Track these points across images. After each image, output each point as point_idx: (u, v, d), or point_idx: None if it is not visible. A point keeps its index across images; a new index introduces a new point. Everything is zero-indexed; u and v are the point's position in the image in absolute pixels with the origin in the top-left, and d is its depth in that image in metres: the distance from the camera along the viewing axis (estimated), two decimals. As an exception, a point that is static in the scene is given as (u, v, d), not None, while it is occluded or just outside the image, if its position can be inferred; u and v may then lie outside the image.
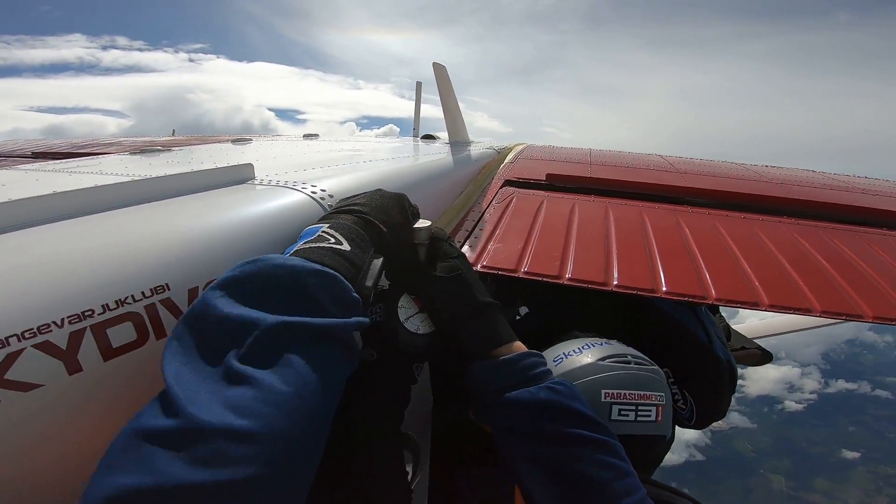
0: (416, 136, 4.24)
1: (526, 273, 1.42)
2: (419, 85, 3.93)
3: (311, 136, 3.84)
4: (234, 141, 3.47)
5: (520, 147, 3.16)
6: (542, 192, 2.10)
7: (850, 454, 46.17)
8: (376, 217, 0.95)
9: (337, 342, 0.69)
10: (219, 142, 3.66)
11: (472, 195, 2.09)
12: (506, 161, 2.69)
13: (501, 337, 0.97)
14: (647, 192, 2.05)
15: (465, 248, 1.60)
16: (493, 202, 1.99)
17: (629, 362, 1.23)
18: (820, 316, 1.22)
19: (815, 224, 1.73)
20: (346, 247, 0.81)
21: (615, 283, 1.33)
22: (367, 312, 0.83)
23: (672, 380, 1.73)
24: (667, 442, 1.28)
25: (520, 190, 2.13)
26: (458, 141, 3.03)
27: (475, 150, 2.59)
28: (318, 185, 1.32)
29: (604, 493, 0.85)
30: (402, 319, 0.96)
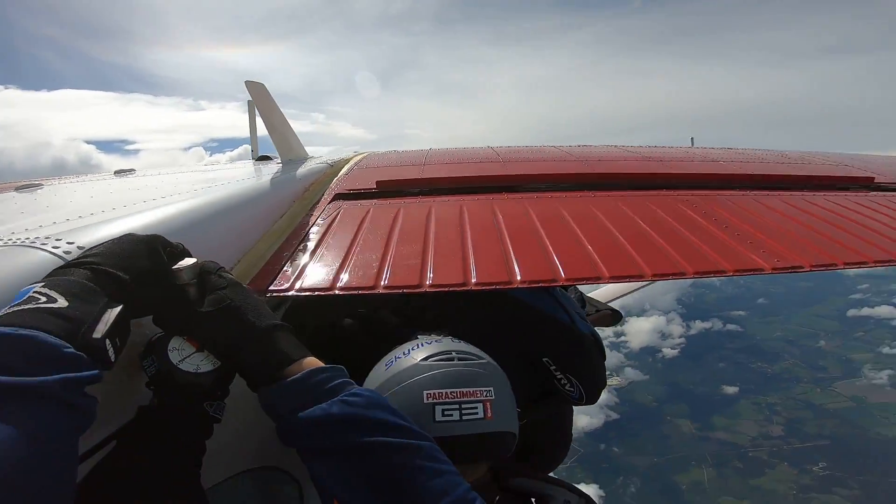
0: (254, 158, 3.96)
1: (341, 289, 1.36)
2: (250, 104, 3.65)
3: (123, 171, 3.35)
4: (19, 188, 2.88)
5: (359, 157, 3.09)
6: (370, 201, 2.05)
7: (730, 389, 53.76)
8: (113, 266, 0.89)
9: (34, 400, 0.67)
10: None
11: (297, 215, 1.97)
12: (340, 174, 2.60)
13: (287, 357, 0.96)
14: (470, 186, 2.12)
15: (285, 271, 1.50)
16: (318, 219, 1.90)
17: (452, 359, 1.21)
18: (609, 281, 1.34)
19: (607, 194, 1.93)
20: (60, 304, 0.78)
21: (429, 283, 1.33)
22: (106, 364, 0.80)
23: (553, 367, 1.79)
24: (516, 435, 1.25)
25: (348, 202, 2.07)
26: (293, 159, 2.87)
27: (303, 167, 2.46)
28: (66, 239, 1.12)
29: (415, 496, 0.86)
30: (175, 362, 0.95)
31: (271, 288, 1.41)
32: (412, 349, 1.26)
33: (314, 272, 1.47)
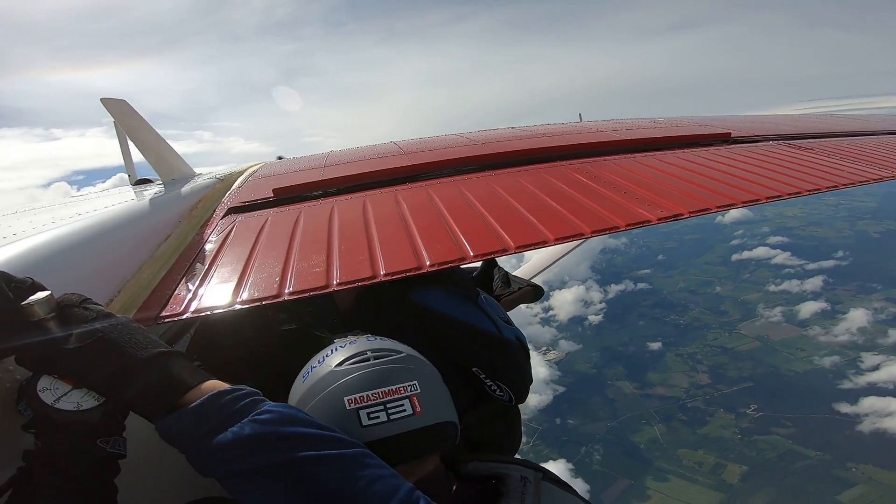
0: (132, 183, 3.58)
1: (242, 302, 1.26)
2: (116, 125, 3.27)
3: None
4: None
5: (254, 167, 2.91)
6: (268, 210, 1.93)
7: (654, 345, 56.86)
8: None
9: None
10: None
11: (186, 235, 1.80)
12: (234, 187, 2.43)
13: (183, 384, 0.90)
14: (373, 181, 2.08)
15: (177, 294, 1.36)
16: (211, 236, 1.75)
17: (368, 359, 1.14)
18: (515, 251, 1.37)
19: (507, 171, 2.00)
20: None
21: (336, 282, 1.27)
22: None
23: (483, 375, 1.81)
24: (458, 425, 1.22)
25: (243, 215, 1.93)
26: (177, 178, 2.62)
27: (188, 185, 2.25)
28: None
29: None
30: (50, 402, 0.87)
31: (163, 314, 1.28)
32: (326, 356, 1.19)
33: (210, 291, 1.35)
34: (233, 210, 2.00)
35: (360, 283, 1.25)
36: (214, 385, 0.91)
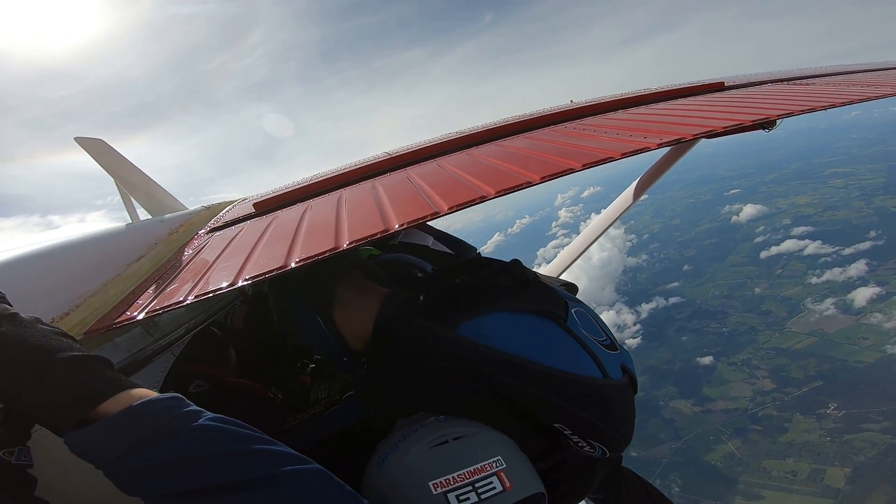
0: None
1: (196, 297, 1.15)
2: (120, 187, 3.33)
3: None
4: None
5: (246, 196, 2.88)
6: (246, 223, 1.85)
7: (704, 359, 52.28)
8: None
9: None
10: None
11: (161, 256, 1.73)
12: (221, 213, 2.38)
13: (100, 392, 0.78)
14: (354, 178, 2.00)
15: (137, 303, 1.27)
16: (185, 252, 1.67)
17: (447, 441, 1.10)
18: (494, 195, 1.21)
19: (492, 143, 1.85)
20: None
21: (296, 260, 1.14)
22: None
23: (569, 432, 1.28)
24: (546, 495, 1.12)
25: (222, 231, 1.85)
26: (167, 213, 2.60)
27: (172, 214, 2.21)
28: None
29: None
30: None
31: (118, 320, 1.19)
32: (398, 444, 1.14)
33: (167, 293, 1.25)
34: (214, 230, 1.93)
35: (319, 256, 1.11)
36: (141, 394, 0.80)
